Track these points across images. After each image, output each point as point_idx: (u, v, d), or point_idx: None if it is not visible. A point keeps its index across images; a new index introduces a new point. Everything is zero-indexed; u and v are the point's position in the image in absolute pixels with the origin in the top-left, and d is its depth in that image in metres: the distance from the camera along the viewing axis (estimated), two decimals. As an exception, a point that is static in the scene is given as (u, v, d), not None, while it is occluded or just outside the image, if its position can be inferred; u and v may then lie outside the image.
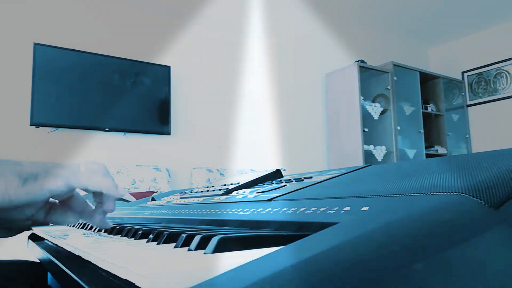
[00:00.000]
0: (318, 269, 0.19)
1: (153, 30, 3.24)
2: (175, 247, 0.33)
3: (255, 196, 0.57)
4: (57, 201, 0.50)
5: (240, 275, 0.19)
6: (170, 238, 0.37)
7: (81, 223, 0.72)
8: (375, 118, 3.82)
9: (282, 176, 0.78)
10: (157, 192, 2.82)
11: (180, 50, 3.34)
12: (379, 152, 3.78)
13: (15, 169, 0.42)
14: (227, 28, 3.62)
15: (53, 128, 2.72)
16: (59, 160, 2.72)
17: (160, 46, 3.25)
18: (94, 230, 0.60)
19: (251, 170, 3.44)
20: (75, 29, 2.93)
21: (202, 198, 0.73)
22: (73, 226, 0.79)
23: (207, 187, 0.87)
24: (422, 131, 4.14)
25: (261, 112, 3.70)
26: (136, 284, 0.23)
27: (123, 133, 3.00)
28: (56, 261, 0.43)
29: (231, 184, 0.76)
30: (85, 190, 0.46)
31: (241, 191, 0.66)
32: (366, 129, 3.69)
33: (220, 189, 0.74)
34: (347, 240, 0.22)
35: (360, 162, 3.61)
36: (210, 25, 3.51)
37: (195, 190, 0.90)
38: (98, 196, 0.49)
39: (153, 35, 3.24)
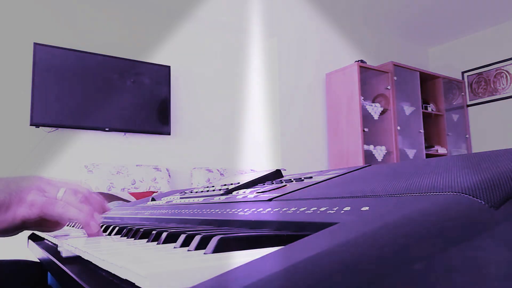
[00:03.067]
0: (318, 269, 0.19)
1: (153, 30, 3.25)
2: (175, 247, 0.33)
3: (255, 196, 0.57)
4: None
5: (240, 275, 0.19)
6: (170, 238, 0.37)
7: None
8: (375, 118, 3.82)
9: (282, 176, 0.78)
10: (157, 192, 2.82)
11: (180, 50, 3.34)
12: (379, 152, 3.78)
13: None
14: (227, 28, 3.62)
15: (53, 128, 2.72)
16: (59, 160, 2.72)
17: (160, 46, 3.26)
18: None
19: (251, 170, 3.43)
20: (75, 29, 2.93)
21: (202, 198, 0.73)
22: (73, 226, 0.79)
23: (207, 187, 0.87)
24: (422, 131, 4.13)
25: (261, 112, 3.70)
26: (136, 284, 0.23)
27: (123, 133, 3.00)
28: (56, 261, 0.43)
29: (231, 184, 0.76)
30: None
31: (241, 191, 0.66)
32: (366, 129, 3.69)
33: (220, 189, 0.74)
34: (347, 240, 0.22)
35: (360, 162, 3.60)
36: (210, 25, 3.51)
37: (195, 190, 0.90)
38: None
39: (153, 35, 3.24)
